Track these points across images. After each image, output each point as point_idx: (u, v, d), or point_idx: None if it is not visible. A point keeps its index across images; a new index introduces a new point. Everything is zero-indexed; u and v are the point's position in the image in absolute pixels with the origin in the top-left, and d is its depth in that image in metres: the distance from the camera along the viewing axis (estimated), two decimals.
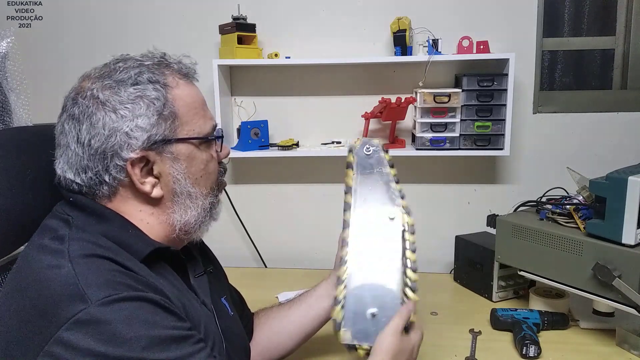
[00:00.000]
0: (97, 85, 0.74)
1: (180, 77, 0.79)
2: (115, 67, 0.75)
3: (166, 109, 0.74)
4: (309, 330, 1.05)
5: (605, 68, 1.86)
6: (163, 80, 0.75)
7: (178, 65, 0.80)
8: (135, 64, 0.76)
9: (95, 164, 0.73)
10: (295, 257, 1.89)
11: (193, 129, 0.78)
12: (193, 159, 0.78)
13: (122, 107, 0.72)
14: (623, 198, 1.06)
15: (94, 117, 0.72)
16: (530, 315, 1.27)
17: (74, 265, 0.65)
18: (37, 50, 1.85)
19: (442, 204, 1.83)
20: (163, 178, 0.76)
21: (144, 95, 0.73)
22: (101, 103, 0.72)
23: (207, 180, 0.81)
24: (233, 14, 1.67)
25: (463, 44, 1.65)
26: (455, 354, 1.17)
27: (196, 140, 0.78)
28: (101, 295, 0.62)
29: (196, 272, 0.86)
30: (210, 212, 0.83)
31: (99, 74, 0.76)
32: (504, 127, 1.64)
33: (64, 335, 0.60)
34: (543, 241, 1.24)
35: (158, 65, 0.77)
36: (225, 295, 0.95)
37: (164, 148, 0.75)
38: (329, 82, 1.79)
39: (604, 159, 1.73)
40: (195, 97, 0.80)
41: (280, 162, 1.85)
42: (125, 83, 0.73)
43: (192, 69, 0.82)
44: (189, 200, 0.79)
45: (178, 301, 0.73)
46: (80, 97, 0.74)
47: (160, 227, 0.78)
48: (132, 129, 0.72)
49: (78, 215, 0.73)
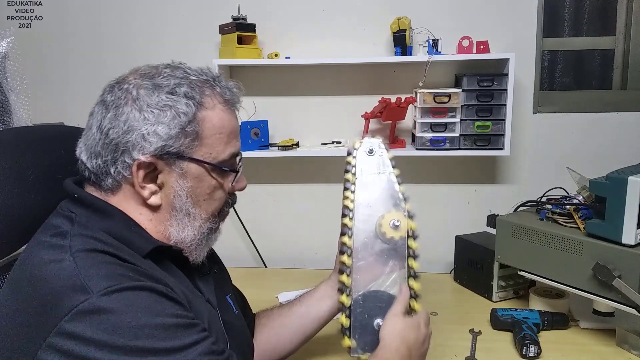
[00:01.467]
0: (137, 82, 0.75)
1: (220, 101, 0.78)
2: (161, 72, 0.76)
3: (190, 126, 0.74)
4: (308, 332, 1.05)
5: (605, 68, 1.86)
6: (199, 99, 0.75)
7: (223, 89, 0.79)
8: (180, 75, 0.76)
9: (106, 153, 0.74)
10: (295, 257, 1.89)
11: (210, 152, 0.77)
12: (201, 181, 0.78)
13: (148, 110, 0.73)
14: (623, 198, 1.06)
15: (120, 109, 0.73)
16: (530, 315, 1.27)
17: (75, 258, 0.65)
18: (37, 50, 1.85)
19: (442, 204, 1.83)
20: (165, 189, 0.76)
21: (173, 106, 0.73)
22: (132, 99, 0.73)
23: (209, 206, 0.80)
24: (233, 14, 1.67)
25: (463, 44, 1.65)
26: (455, 354, 1.17)
27: (209, 165, 0.78)
28: (103, 286, 0.62)
29: (201, 272, 0.86)
30: (207, 237, 0.82)
31: (145, 72, 0.77)
32: (504, 127, 1.64)
33: (66, 326, 0.60)
34: (543, 241, 1.24)
35: (202, 83, 0.77)
36: (230, 293, 0.95)
37: (175, 161, 0.75)
38: (329, 82, 1.79)
39: (604, 159, 1.73)
40: (226, 123, 0.79)
41: (280, 162, 1.85)
42: (161, 89, 0.74)
43: (236, 96, 0.81)
44: (187, 219, 0.78)
45: (183, 295, 0.73)
46: (117, 87, 0.75)
47: (158, 235, 0.78)
48: (150, 133, 0.72)
49: (82, 212, 0.74)
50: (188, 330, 0.66)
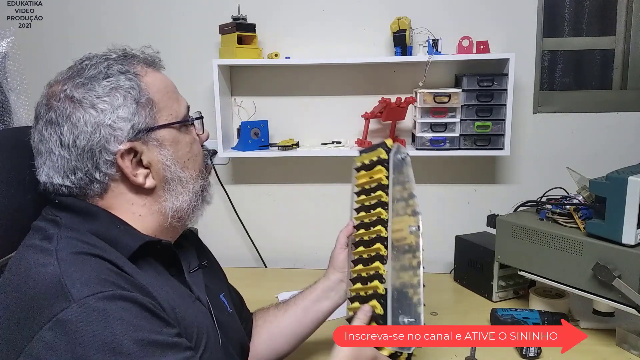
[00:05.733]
0: (69, 85, 0.73)
1: (146, 65, 0.79)
2: (82, 66, 0.75)
3: (142, 97, 0.74)
4: (305, 333, 1.05)
5: (605, 68, 1.86)
6: (133, 70, 0.76)
7: (143, 55, 0.81)
8: (101, 59, 0.76)
9: (84, 164, 0.72)
10: (295, 257, 1.89)
11: (171, 113, 0.78)
12: (177, 143, 0.78)
13: (99, 102, 0.72)
14: (623, 198, 1.06)
15: (73, 117, 0.72)
16: (530, 315, 1.27)
17: (60, 263, 0.65)
18: (37, 51, 1.85)
19: (442, 204, 1.83)
20: (153, 167, 0.76)
21: (118, 86, 0.73)
22: (77, 102, 0.72)
23: (194, 163, 0.82)
24: (233, 14, 1.67)
25: (463, 44, 1.65)
26: (455, 353, 1.17)
27: (177, 124, 0.79)
28: (85, 294, 0.61)
29: (191, 267, 0.85)
30: (202, 195, 0.83)
31: (67, 75, 0.75)
32: (504, 127, 1.64)
33: (45, 334, 0.60)
34: (543, 241, 1.24)
35: (123, 57, 0.78)
36: (224, 292, 0.94)
37: (148, 136, 0.75)
38: (329, 82, 1.79)
39: (604, 159, 1.73)
40: (165, 82, 0.80)
41: (280, 162, 1.85)
42: (97, 78, 0.73)
43: (156, 57, 0.83)
44: (180, 186, 0.79)
45: (167, 303, 0.71)
46: (54, 101, 0.73)
47: (153, 218, 0.78)
48: (115, 120, 0.72)
49: (66, 216, 0.73)
50: (168, 349, 0.64)
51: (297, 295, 1.08)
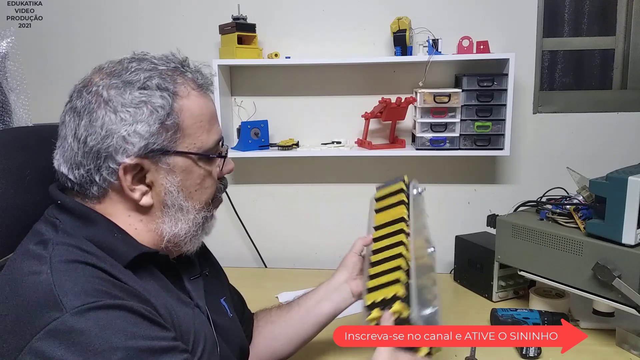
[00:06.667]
0: (105, 82, 0.71)
1: (193, 87, 0.75)
2: (128, 67, 0.72)
3: (169, 119, 0.71)
4: (307, 335, 1.04)
5: (605, 68, 1.86)
6: (173, 89, 0.72)
7: (194, 74, 0.76)
8: (148, 67, 0.73)
9: (88, 162, 0.71)
10: (295, 257, 1.89)
11: (194, 142, 0.74)
12: (189, 173, 0.75)
13: (123, 110, 0.70)
14: (623, 198, 1.06)
15: (94, 114, 0.70)
16: (530, 315, 1.27)
17: (53, 272, 0.63)
18: (37, 51, 1.85)
19: (442, 204, 1.83)
20: (155, 188, 0.74)
21: (149, 101, 0.70)
22: (104, 101, 0.70)
23: (201, 195, 0.78)
24: (233, 14, 1.67)
25: (463, 44, 1.64)
26: (455, 354, 1.16)
27: (195, 156, 0.75)
28: (77, 304, 0.60)
29: (191, 275, 0.83)
30: (202, 226, 0.80)
31: (111, 70, 0.73)
32: (504, 127, 1.64)
33: (36, 344, 0.58)
34: (543, 241, 1.24)
35: (172, 71, 0.74)
36: (226, 296, 0.93)
37: (160, 158, 0.72)
38: (329, 82, 1.79)
39: (604, 159, 1.73)
40: (204, 109, 0.76)
41: (280, 162, 1.85)
42: (132, 85, 0.70)
43: (208, 79, 0.78)
44: (180, 214, 0.76)
45: (164, 309, 0.70)
46: (85, 91, 0.72)
47: (149, 235, 0.76)
48: (130, 133, 0.69)
49: (66, 219, 0.72)
50: (164, 354, 0.63)
51: (301, 296, 1.07)
